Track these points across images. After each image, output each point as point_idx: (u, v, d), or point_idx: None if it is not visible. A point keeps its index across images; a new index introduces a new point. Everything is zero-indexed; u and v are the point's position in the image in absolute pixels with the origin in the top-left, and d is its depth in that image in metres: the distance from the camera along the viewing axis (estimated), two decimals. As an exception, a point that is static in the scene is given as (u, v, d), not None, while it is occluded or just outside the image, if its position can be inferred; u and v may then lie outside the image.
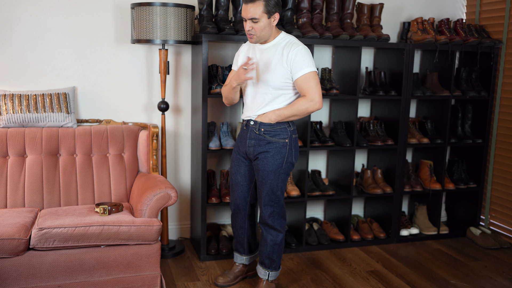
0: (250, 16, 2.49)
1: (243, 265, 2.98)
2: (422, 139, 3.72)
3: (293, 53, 2.54)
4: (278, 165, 2.66)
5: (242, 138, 2.74)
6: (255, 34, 2.54)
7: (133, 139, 3.16)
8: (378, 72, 3.71)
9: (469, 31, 3.78)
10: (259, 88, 2.64)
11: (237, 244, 2.96)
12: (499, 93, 3.84)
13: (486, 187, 3.97)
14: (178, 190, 3.63)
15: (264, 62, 2.61)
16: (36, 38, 3.19)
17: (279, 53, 2.58)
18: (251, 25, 2.51)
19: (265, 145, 2.65)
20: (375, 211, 3.92)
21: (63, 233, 2.47)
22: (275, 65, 2.57)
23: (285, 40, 2.62)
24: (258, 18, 2.48)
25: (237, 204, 2.84)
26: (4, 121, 2.98)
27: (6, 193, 2.87)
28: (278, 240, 2.77)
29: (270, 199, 2.70)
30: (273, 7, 2.49)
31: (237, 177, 2.79)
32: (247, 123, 2.70)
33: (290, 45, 2.58)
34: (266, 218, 2.73)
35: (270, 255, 2.79)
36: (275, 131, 2.64)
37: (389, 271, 3.24)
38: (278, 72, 2.57)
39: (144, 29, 3.00)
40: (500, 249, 3.67)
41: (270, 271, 2.82)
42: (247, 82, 2.68)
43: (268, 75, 2.59)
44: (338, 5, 3.47)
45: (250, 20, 2.50)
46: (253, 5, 2.47)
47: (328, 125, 3.87)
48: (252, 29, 2.52)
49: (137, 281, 2.65)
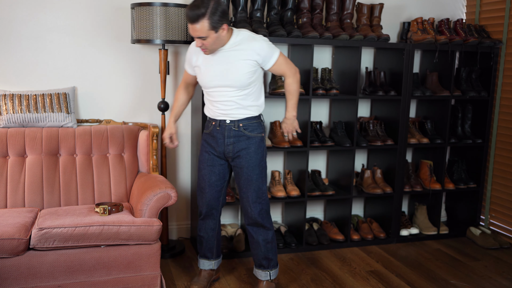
0: (197, 35, 2.42)
1: (211, 270, 2.95)
2: (422, 139, 3.72)
3: (258, 48, 2.53)
4: (260, 160, 2.68)
5: (216, 138, 2.68)
6: (208, 49, 2.50)
7: (133, 139, 3.16)
8: (378, 72, 3.71)
9: (469, 31, 3.78)
10: (227, 91, 2.58)
11: (205, 250, 2.90)
12: (499, 93, 3.84)
13: (486, 187, 3.97)
14: (178, 190, 3.63)
15: (225, 65, 2.55)
16: (36, 38, 3.19)
17: (240, 53, 2.53)
18: (201, 42, 2.46)
19: (245, 141, 2.64)
20: (375, 211, 3.92)
21: (63, 233, 2.47)
22: (238, 66, 2.53)
23: (239, 37, 2.54)
24: (205, 36, 2.42)
25: (210, 205, 2.79)
26: (4, 121, 2.98)
27: (6, 193, 2.87)
28: (269, 237, 2.76)
29: (257, 195, 2.69)
30: (218, 21, 2.39)
31: (211, 177, 2.73)
32: (220, 123, 2.65)
33: (249, 41, 2.53)
34: (256, 216, 2.71)
35: (266, 255, 2.78)
36: (252, 126, 2.65)
37: (389, 271, 3.24)
38: (243, 72, 2.53)
39: (144, 29, 3.00)
40: (500, 249, 3.68)
41: (270, 271, 2.81)
42: (212, 87, 2.62)
43: (231, 78, 2.54)
44: (338, 5, 3.47)
45: (199, 38, 2.45)
46: (197, 24, 2.38)
47: (328, 125, 3.87)
48: (202, 45, 2.47)
49: (137, 281, 2.65)
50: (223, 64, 2.55)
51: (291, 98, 2.70)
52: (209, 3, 2.37)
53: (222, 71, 2.55)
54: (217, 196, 2.79)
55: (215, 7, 2.37)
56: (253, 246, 2.80)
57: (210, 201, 2.78)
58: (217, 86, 2.59)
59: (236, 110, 2.61)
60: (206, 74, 2.60)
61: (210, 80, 2.59)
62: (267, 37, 3.18)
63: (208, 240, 2.87)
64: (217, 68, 2.56)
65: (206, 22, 2.37)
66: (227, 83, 2.56)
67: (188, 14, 2.38)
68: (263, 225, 2.73)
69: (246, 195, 2.70)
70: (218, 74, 2.56)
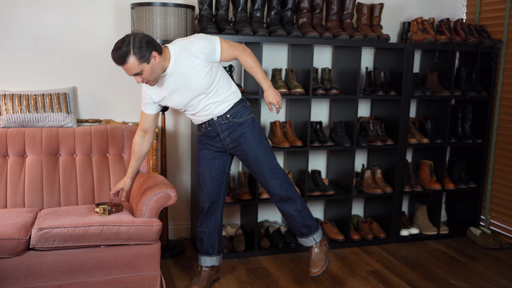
0: (132, 74, 2.39)
1: (211, 267, 2.94)
2: (422, 139, 3.72)
3: (197, 50, 2.47)
4: (259, 138, 2.69)
5: (211, 136, 2.70)
6: (150, 80, 2.45)
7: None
8: (378, 72, 3.71)
9: (469, 31, 3.78)
10: (200, 100, 2.57)
11: (206, 246, 2.88)
12: (499, 93, 3.84)
13: (486, 187, 3.97)
14: (178, 190, 3.63)
15: (181, 83, 2.52)
16: (36, 38, 3.19)
17: (187, 64, 2.48)
18: (139, 77, 2.42)
19: (238, 128, 2.65)
20: (375, 211, 3.92)
21: (63, 233, 2.46)
22: (193, 75, 2.49)
23: (176, 51, 2.48)
24: (139, 71, 2.39)
25: (212, 199, 2.80)
26: (4, 121, 2.98)
27: (6, 193, 2.87)
28: (300, 206, 2.78)
29: (271, 171, 2.71)
30: (145, 53, 2.34)
31: (211, 171, 2.75)
32: (210, 122, 2.66)
33: (187, 48, 2.47)
34: (279, 190, 2.73)
35: (303, 222, 2.80)
36: (238, 112, 2.65)
37: (389, 271, 3.24)
38: (201, 77, 2.50)
39: (144, 29, 3.00)
40: (500, 249, 3.67)
41: (314, 235, 2.83)
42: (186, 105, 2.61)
43: (196, 87, 2.52)
44: (338, 5, 3.47)
45: (135, 75, 2.42)
46: (126, 64, 2.34)
47: (328, 125, 3.87)
48: (143, 80, 2.44)
49: (137, 281, 2.65)
50: (180, 82, 2.52)
51: (256, 72, 2.65)
52: (129, 40, 2.33)
53: (184, 88, 2.53)
54: (218, 189, 2.80)
55: (137, 40, 2.33)
56: (288, 220, 2.82)
57: (212, 194, 2.80)
58: (189, 102, 2.59)
59: (217, 109, 2.62)
60: (174, 100, 2.58)
61: (181, 102, 2.58)
62: (266, 37, 3.19)
63: (210, 234, 2.88)
64: (178, 88, 2.54)
65: (133, 58, 2.33)
66: (195, 94, 2.55)
67: (114, 58, 2.34)
68: (289, 196, 2.75)
69: (262, 175, 2.72)
70: (183, 93, 2.55)
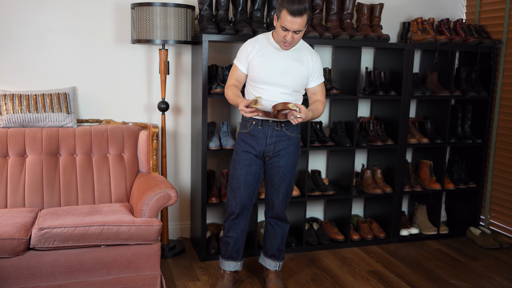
0: (296, 29, 2.48)
1: (235, 272, 2.94)
2: (422, 139, 3.72)
3: (315, 62, 2.69)
4: (296, 161, 2.77)
5: (257, 137, 2.69)
6: (293, 43, 2.57)
7: (133, 139, 3.16)
8: (378, 72, 3.71)
9: (469, 31, 3.78)
10: (279, 89, 2.62)
11: (232, 251, 2.86)
12: (499, 93, 3.85)
13: (486, 187, 3.97)
14: (178, 190, 3.63)
15: (284, 64, 2.62)
16: (36, 38, 3.19)
17: (301, 58, 2.65)
18: (292, 35, 2.51)
19: (286, 141, 2.70)
20: (375, 211, 3.92)
21: (63, 233, 2.47)
22: (297, 69, 2.63)
23: (302, 45, 2.70)
24: (302, 29, 2.51)
25: (244, 205, 2.78)
26: (4, 121, 2.99)
27: (6, 193, 2.87)
28: (286, 231, 2.92)
29: (287, 194, 2.80)
30: (310, 17, 2.53)
31: (247, 177, 2.73)
32: (263, 122, 2.67)
33: (311, 52, 2.69)
34: (281, 213, 2.83)
35: (280, 246, 2.92)
36: (293, 126, 2.72)
37: (389, 271, 3.24)
38: (300, 75, 2.64)
39: (144, 29, 3.00)
40: (500, 249, 3.68)
41: (280, 262, 2.94)
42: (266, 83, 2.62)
43: (289, 78, 2.62)
44: (338, 5, 3.47)
45: (294, 31, 2.50)
46: (301, 18, 2.46)
47: (328, 125, 3.87)
48: (292, 39, 2.53)
49: (137, 281, 2.65)
50: (284, 63, 2.62)
51: (312, 110, 2.63)
52: (307, 3, 2.49)
53: (282, 70, 2.62)
54: (251, 196, 2.80)
55: (310, 6, 2.52)
56: (270, 237, 2.89)
57: (245, 200, 2.78)
58: (272, 85, 2.62)
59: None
60: (265, 69, 2.61)
61: (267, 76, 2.61)
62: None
63: (237, 240, 2.85)
64: (278, 64, 2.62)
65: (306, 17, 2.48)
66: (283, 83, 2.62)
67: (294, 7, 2.43)
68: (284, 219, 2.87)
69: (278, 192, 2.78)
70: (278, 71, 2.61)
